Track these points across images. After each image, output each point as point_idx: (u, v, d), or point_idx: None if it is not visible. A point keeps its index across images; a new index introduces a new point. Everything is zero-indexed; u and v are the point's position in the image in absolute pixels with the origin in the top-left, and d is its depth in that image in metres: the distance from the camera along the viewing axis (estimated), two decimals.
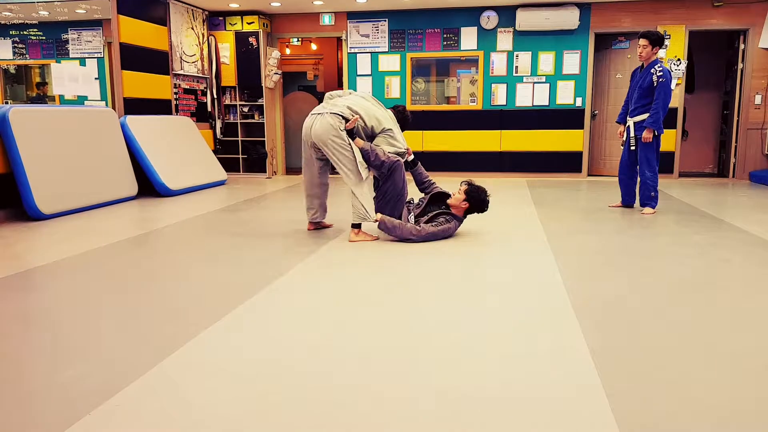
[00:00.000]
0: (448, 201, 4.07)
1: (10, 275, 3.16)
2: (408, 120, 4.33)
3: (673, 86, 7.54)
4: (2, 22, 7.37)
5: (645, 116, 4.99)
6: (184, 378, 1.90)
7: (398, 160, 3.93)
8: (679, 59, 7.58)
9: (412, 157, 4.25)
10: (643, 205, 5.14)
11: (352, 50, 8.29)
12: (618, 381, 1.85)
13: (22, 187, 4.74)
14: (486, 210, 4.06)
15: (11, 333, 2.33)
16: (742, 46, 7.60)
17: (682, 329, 2.33)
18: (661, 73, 4.88)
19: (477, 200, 3.97)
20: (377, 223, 3.91)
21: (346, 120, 3.85)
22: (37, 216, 4.77)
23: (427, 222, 3.96)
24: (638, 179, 5.18)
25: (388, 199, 3.97)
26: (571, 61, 7.81)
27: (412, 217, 4.03)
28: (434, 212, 4.02)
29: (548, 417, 1.63)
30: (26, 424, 1.62)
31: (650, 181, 5.05)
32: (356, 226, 3.94)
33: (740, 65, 7.64)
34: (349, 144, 3.84)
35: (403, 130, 4.20)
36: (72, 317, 2.52)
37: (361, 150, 3.87)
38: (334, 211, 4.70)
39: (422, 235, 3.88)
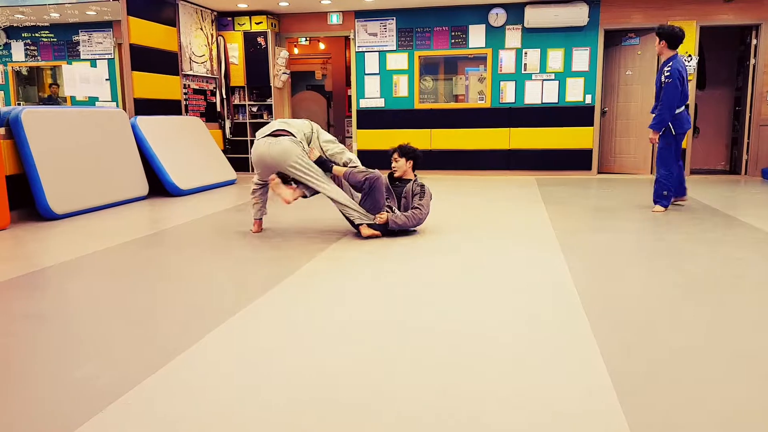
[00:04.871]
0: (396, 175, 4.19)
1: (23, 275, 3.20)
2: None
3: None
4: (14, 24, 7.44)
5: None
6: (194, 376, 1.92)
7: (374, 175, 3.92)
8: (690, 55, 7.51)
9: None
10: (654, 202, 5.11)
11: (360, 49, 8.30)
12: (629, 381, 1.84)
13: (35, 188, 4.79)
14: (420, 155, 4.22)
15: (24, 332, 2.36)
16: (754, 42, 7.52)
17: (694, 328, 2.31)
18: (668, 73, 4.80)
19: (413, 153, 4.18)
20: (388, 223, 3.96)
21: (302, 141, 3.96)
22: (49, 216, 4.82)
23: (413, 201, 4.08)
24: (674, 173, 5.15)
25: (368, 210, 4.00)
26: (581, 58, 7.77)
27: (398, 212, 4.09)
28: (406, 191, 4.12)
29: (559, 418, 1.63)
30: (40, 422, 1.64)
31: (663, 179, 5.02)
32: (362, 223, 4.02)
33: (752, 61, 7.56)
34: (311, 164, 3.93)
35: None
36: (84, 316, 2.55)
37: (344, 176, 3.95)
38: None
39: (426, 212, 4.09)
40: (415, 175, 4.27)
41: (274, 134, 3.92)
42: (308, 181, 3.94)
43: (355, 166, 4.04)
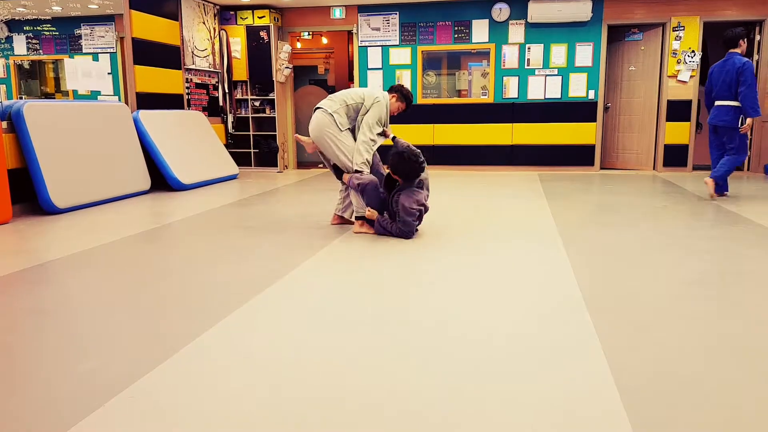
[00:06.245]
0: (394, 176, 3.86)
1: (25, 269, 3.20)
2: (407, 96, 4.25)
3: (687, 78, 7.50)
4: (16, 17, 7.43)
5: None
6: (196, 370, 1.92)
7: (365, 181, 3.89)
8: (693, 51, 7.48)
9: (392, 135, 4.21)
10: None
11: (363, 44, 8.27)
12: (631, 378, 1.84)
13: (37, 182, 4.80)
14: (418, 170, 3.74)
15: (27, 326, 2.36)
16: (758, 38, 7.48)
17: (697, 325, 2.31)
18: None
19: (402, 170, 3.74)
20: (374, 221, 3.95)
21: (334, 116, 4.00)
22: (51, 210, 4.83)
23: (397, 215, 3.82)
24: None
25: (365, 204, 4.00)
26: (584, 54, 7.74)
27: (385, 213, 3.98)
28: (395, 195, 3.84)
29: (560, 415, 1.63)
30: (44, 415, 1.65)
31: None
32: (360, 218, 4.04)
33: (756, 57, 7.52)
34: (340, 137, 3.98)
35: (408, 105, 4.25)
36: (86, 311, 2.55)
37: (348, 182, 4.01)
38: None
39: (409, 225, 3.79)
40: (414, 181, 3.83)
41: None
42: (335, 157, 4.02)
43: (360, 171, 3.96)
